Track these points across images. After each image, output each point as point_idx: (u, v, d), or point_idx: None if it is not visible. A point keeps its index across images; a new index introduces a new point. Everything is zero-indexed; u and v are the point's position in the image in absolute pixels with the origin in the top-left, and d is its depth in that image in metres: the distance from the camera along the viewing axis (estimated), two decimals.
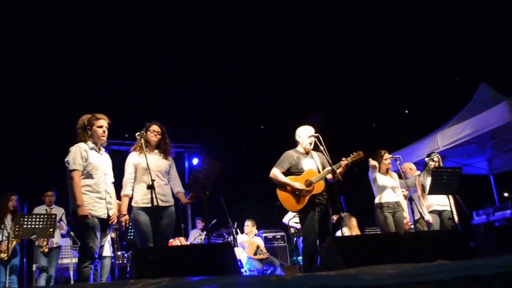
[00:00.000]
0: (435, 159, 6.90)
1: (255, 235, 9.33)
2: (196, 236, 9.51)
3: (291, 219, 8.27)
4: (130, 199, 4.80)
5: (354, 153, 5.38)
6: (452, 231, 6.04)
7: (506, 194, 11.31)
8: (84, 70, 12.08)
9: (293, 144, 5.63)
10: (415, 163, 8.28)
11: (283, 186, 5.29)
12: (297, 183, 5.22)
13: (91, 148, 4.55)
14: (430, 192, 5.99)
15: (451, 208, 6.14)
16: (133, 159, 4.86)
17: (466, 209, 6.37)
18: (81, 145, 4.51)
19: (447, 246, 4.64)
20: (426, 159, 7.08)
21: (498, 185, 10.44)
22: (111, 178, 4.72)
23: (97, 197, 4.43)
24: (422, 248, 4.36)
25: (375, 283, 2.17)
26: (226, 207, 9.39)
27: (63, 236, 7.56)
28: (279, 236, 10.16)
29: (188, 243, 9.07)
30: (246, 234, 9.22)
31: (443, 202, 6.58)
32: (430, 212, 6.81)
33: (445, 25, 13.29)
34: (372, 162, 6.44)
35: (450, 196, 6.17)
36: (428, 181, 6.51)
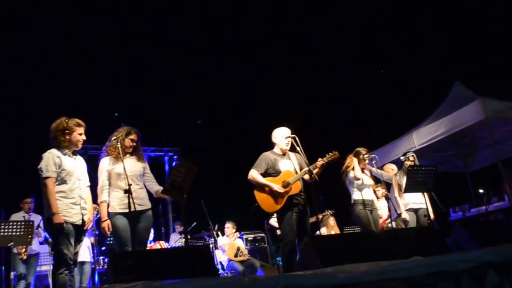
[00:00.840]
0: (411, 158, 7.02)
1: (238, 237, 9.35)
2: (176, 239, 9.48)
3: (272, 219, 8.31)
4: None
5: (330, 153, 5.44)
6: (428, 228, 6.16)
7: (481, 191, 11.52)
8: (61, 74, 11.95)
9: (272, 145, 5.68)
10: (392, 162, 8.41)
11: (261, 187, 5.31)
12: (275, 185, 5.25)
13: (65, 154, 4.46)
14: (406, 190, 6.08)
15: (426, 206, 6.25)
16: (106, 165, 4.79)
17: (442, 206, 6.49)
18: (54, 151, 4.42)
19: (423, 243, 4.74)
20: (402, 158, 7.21)
21: (473, 182, 10.64)
22: (86, 182, 4.65)
23: (71, 203, 4.36)
24: (399, 245, 4.43)
25: (348, 281, 2.21)
26: (206, 210, 9.38)
27: (41, 243, 7.49)
28: (259, 238, 10.18)
29: (168, 246, 9.04)
30: (227, 236, 9.23)
31: (419, 200, 6.70)
32: (407, 210, 6.94)
33: (419, 25, 13.48)
34: (356, 174, 6.51)
35: (426, 194, 6.28)
36: (404, 180, 6.62)
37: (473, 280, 2.58)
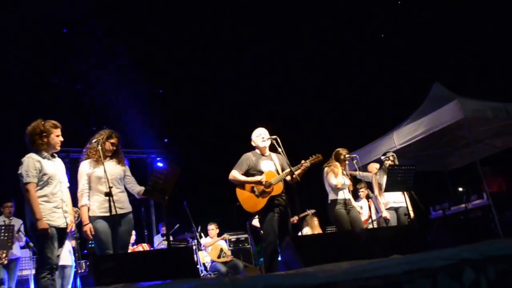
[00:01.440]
0: (391, 157, 7.12)
1: (222, 239, 9.36)
2: (160, 241, 9.47)
3: (255, 220, 8.34)
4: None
5: (313, 155, 5.49)
6: (407, 227, 6.25)
7: (460, 189, 11.70)
8: (40, 75, 11.79)
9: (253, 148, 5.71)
10: (373, 162, 8.51)
11: (243, 187, 5.33)
12: (257, 176, 5.28)
13: (44, 157, 4.43)
14: (387, 190, 6.15)
15: (406, 204, 6.33)
16: (86, 168, 4.75)
17: (421, 205, 6.58)
18: (33, 155, 4.38)
19: (403, 241, 4.80)
20: (382, 157, 7.31)
21: (453, 181, 10.80)
22: (66, 184, 4.63)
23: (54, 206, 4.35)
24: (379, 244, 4.49)
25: (326, 281, 2.24)
26: (189, 211, 9.37)
27: (22, 247, 7.41)
28: (243, 238, 10.20)
29: (151, 249, 9.01)
30: (211, 238, 9.24)
31: (399, 199, 6.79)
32: (387, 209, 7.03)
33: (399, 26, 13.62)
34: (339, 185, 6.53)
35: (406, 193, 6.36)
36: (384, 179, 6.69)
37: (450, 277, 2.62)
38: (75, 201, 4.74)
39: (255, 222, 8.40)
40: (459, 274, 2.66)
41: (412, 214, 6.76)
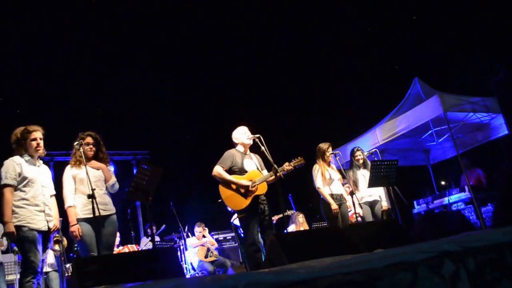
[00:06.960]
0: (357, 153, 7.23)
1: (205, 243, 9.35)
2: (146, 242, 9.44)
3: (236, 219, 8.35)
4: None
5: (296, 158, 5.52)
6: (391, 221, 6.31)
7: (443, 183, 11.83)
8: (26, 80, 11.69)
9: (234, 146, 5.72)
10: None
11: (227, 185, 5.32)
12: (244, 180, 5.29)
13: (27, 161, 4.46)
14: (370, 185, 6.20)
15: (390, 198, 6.40)
16: (70, 171, 4.79)
17: (404, 199, 6.65)
18: (16, 158, 4.43)
19: (386, 236, 4.85)
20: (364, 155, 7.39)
21: (436, 175, 10.92)
22: (50, 191, 4.66)
23: (36, 210, 4.36)
24: (363, 239, 4.53)
25: (307, 277, 2.26)
26: (175, 212, 9.37)
27: (3, 252, 7.34)
28: (230, 237, 10.21)
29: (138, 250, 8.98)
30: (197, 239, 9.24)
31: (372, 193, 6.90)
32: (363, 203, 7.09)
33: (381, 21, 13.70)
34: (318, 185, 6.62)
35: (390, 188, 6.43)
36: (358, 175, 6.92)
37: (430, 270, 2.65)
38: (62, 207, 4.73)
39: (236, 221, 8.42)
40: (439, 267, 2.69)
41: (388, 207, 6.92)
